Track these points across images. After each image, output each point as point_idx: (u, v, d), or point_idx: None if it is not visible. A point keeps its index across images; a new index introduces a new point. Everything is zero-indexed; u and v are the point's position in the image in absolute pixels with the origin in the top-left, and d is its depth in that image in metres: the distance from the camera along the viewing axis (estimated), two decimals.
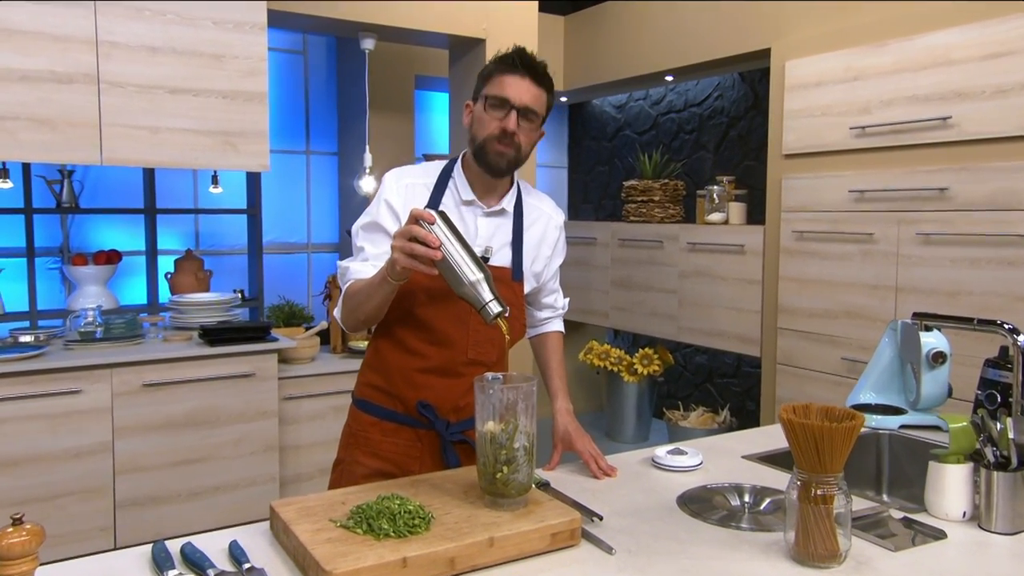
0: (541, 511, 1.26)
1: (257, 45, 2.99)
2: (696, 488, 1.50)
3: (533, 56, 1.56)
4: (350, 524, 1.18)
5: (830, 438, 1.14)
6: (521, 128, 1.54)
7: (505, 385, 1.25)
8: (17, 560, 0.89)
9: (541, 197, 1.76)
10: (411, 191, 1.61)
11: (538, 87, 1.54)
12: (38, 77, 2.64)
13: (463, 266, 1.31)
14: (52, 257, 3.75)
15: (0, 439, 2.59)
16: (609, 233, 4.59)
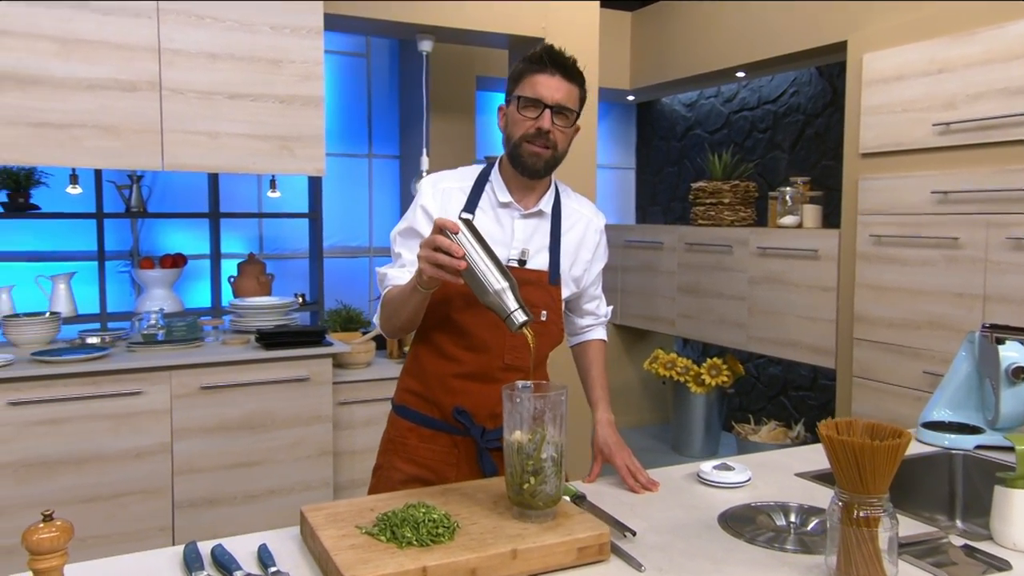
0: (570, 524, 1.27)
1: (313, 49, 3.08)
2: (740, 506, 1.48)
3: (562, 52, 1.58)
4: (375, 531, 1.21)
5: (872, 456, 1.11)
6: (556, 126, 1.56)
7: (533, 394, 1.26)
8: (46, 555, 0.96)
9: (581, 200, 1.77)
10: (447, 196, 1.64)
11: (570, 83, 1.56)
12: (103, 85, 2.80)
13: (488, 275, 1.32)
14: (123, 261, 3.94)
15: (66, 438, 2.75)
16: (676, 237, 4.54)
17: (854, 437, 1.14)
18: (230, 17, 2.95)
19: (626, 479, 1.61)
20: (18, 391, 2.69)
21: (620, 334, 5.23)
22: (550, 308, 1.65)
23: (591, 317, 1.85)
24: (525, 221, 1.65)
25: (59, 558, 0.97)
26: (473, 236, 1.35)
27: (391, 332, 1.63)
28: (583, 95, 1.62)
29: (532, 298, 1.62)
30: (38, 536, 0.95)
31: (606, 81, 4.91)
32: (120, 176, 3.68)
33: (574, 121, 1.60)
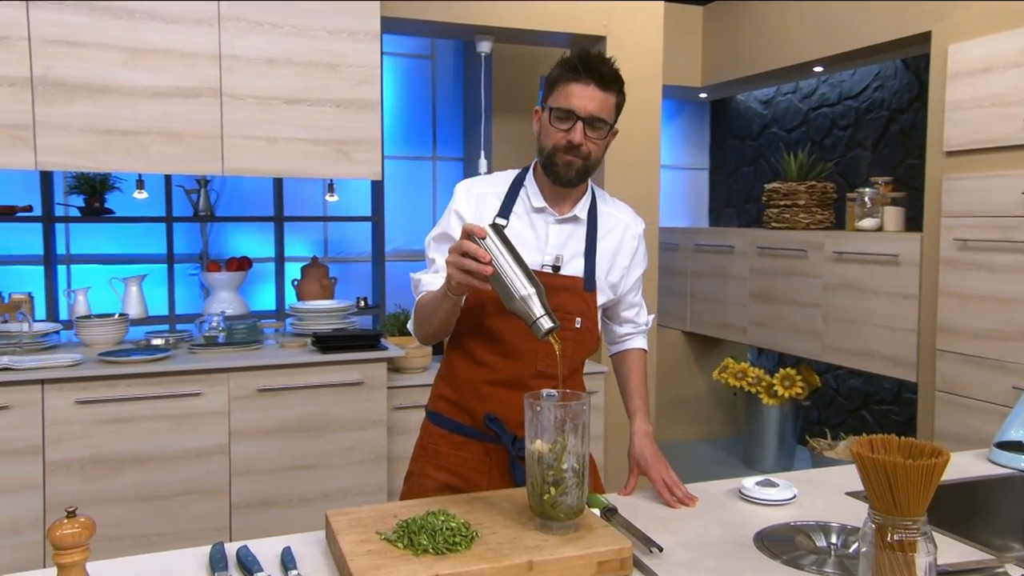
0: (592, 537, 1.27)
1: (370, 53, 3.16)
2: (779, 524, 1.45)
3: (599, 58, 1.56)
4: (393, 538, 1.24)
5: (905, 476, 1.08)
6: (589, 137, 1.56)
7: (554, 403, 1.27)
8: (69, 550, 1.02)
9: (619, 205, 1.77)
10: (481, 201, 1.66)
11: (605, 92, 1.55)
12: (167, 93, 2.94)
13: (514, 281, 1.34)
14: (193, 264, 4.12)
15: (129, 437, 2.89)
16: (747, 241, 4.45)
17: (887, 455, 1.10)
18: (288, 23, 3.06)
19: (662, 493, 1.60)
20: (85, 390, 2.85)
21: (690, 342, 5.16)
22: (585, 315, 1.66)
23: (630, 325, 1.84)
24: (560, 227, 1.66)
25: (81, 553, 1.03)
26: (501, 241, 1.36)
27: (424, 338, 1.66)
28: (621, 100, 1.61)
29: (567, 305, 1.63)
30: (61, 532, 1.01)
31: (675, 78, 4.86)
32: (188, 180, 3.85)
33: (609, 131, 1.59)
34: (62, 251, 3.87)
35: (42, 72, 2.80)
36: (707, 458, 4.85)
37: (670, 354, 5.12)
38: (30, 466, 2.80)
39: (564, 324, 1.63)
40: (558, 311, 1.61)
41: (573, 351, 1.67)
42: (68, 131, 2.84)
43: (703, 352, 5.19)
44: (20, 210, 3.52)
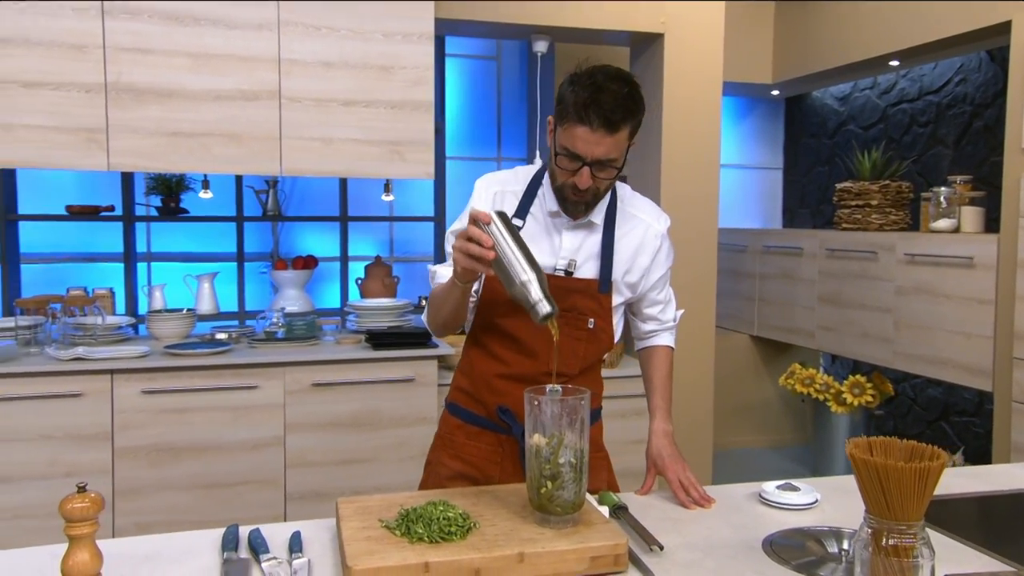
0: (588, 532, 1.28)
1: (424, 55, 3.23)
2: (792, 529, 1.43)
3: (610, 97, 1.47)
4: (392, 525, 1.28)
5: (898, 479, 1.05)
6: (596, 177, 1.54)
7: (550, 397, 1.29)
8: (78, 523, 1.10)
9: (641, 204, 1.76)
10: (499, 198, 1.69)
11: (614, 135, 1.49)
12: (228, 96, 3.08)
13: (515, 265, 1.36)
14: (265, 262, 4.29)
15: (191, 427, 3.04)
16: (816, 242, 4.33)
17: (879, 457, 1.08)
18: (345, 26, 3.16)
19: (677, 493, 1.59)
20: (151, 381, 3.01)
21: (757, 346, 5.05)
22: (599, 316, 1.67)
23: (654, 322, 1.84)
24: (574, 232, 1.67)
25: (90, 526, 1.11)
26: (505, 228, 1.39)
27: (436, 328, 1.69)
28: (635, 127, 1.55)
29: (580, 306, 1.64)
30: (71, 505, 1.09)
31: (744, 75, 4.78)
32: (258, 181, 4.01)
33: (620, 167, 1.57)
34: (142, 249, 4.09)
35: (115, 78, 2.98)
36: (773, 467, 4.74)
37: (735, 358, 5.03)
38: (100, 451, 2.98)
39: (577, 324, 1.65)
40: (571, 312, 1.64)
41: (585, 350, 1.68)
42: (138, 134, 3.01)
43: (772, 357, 5.08)
44: (103, 210, 3.75)
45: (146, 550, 1.32)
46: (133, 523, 3.03)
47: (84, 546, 1.11)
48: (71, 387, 2.94)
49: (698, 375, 3.73)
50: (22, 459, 2.90)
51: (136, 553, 1.31)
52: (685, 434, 3.71)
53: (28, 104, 2.92)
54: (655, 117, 3.67)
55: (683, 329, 3.66)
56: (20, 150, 2.93)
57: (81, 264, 3.99)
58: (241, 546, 1.34)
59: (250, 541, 1.34)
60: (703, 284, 3.71)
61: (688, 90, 3.62)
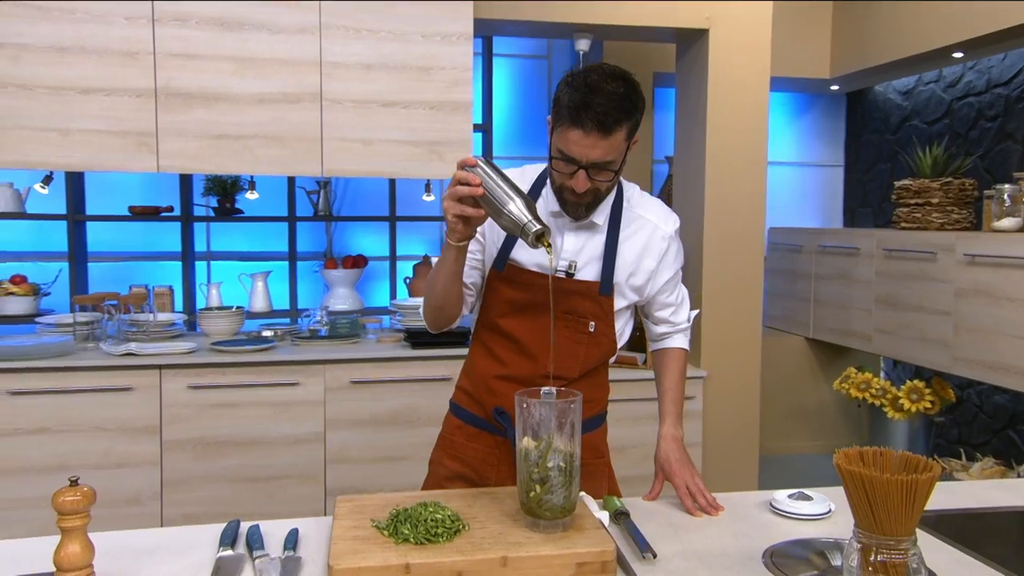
0: (577, 537, 1.26)
1: (463, 55, 3.24)
2: (796, 540, 1.38)
3: (603, 99, 1.43)
4: (382, 526, 1.29)
5: (884, 491, 1.00)
6: (594, 180, 1.51)
7: (541, 400, 1.27)
8: (69, 516, 1.13)
9: (648, 205, 1.72)
10: None
11: (609, 136, 1.46)
12: (272, 99, 3.15)
13: (501, 195, 1.36)
14: (318, 261, 4.38)
15: (234, 421, 3.12)
16: (873, 242, 4.18)
17: (865, 467, 1.03)
18: (385, 28, 3.19)
19: (684, 500, 1.55)
20: (197, 376, 3.10)
21: (813, 349, 4.91)
22: (599, 319, 1.64)
23: (666, 325, 1.80)
24: (576, 233, 1.64)
25: (81, 519, 1.14)
26: (491, 168, 1.40)
27: (430, 316, 1.65)
28: (634, 125, 1.51)
29: (580, 308, 1.62)
30: (63, 499, 1.13)
31: (801, 70, 4.65)
32: (309, 182, 4.09)
33: (619, 169, 1.54)
34: (202, 248, 4.22)
35: (164, 83, 3.07)
36: (829, 474, 4.59)
37: (790, 361, 4.89)
38: (149, 444, 3.09)
39: (577, 327, 1.63)
40: (571, 315, 1.62)
41: (586, 354, 1.66)
42: (185, 137, 3.10)
43: (829, 360, 4.92)
44: (163, 210, 3.88)
45: (146, 543, 1.36)
46: (180, 514, 3.12)
47: (75, 538, 1.14)
48: (122, 381, 3.05)
49: (743, 377, 3.64)
50: (79, 449, 3.03)
51: (136, 546, 1.35)
52: (729, 438, 3.63)
53: (83, 109, 3.04)
54: (700, 114, 3.60)
55: (728, 330, 3.62)
56: (76, 153, 3.05)
57: (146, 263, 4.14)
58: (241, 542, 1.37)
59: (248, 538, 1.37)
60: (749, 284, 3.62)
61: (734, 86, 3.53)
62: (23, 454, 2.99)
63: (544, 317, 1.61)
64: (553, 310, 1.55)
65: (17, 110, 3.00)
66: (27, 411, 2.99)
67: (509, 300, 1.63)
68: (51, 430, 3.02)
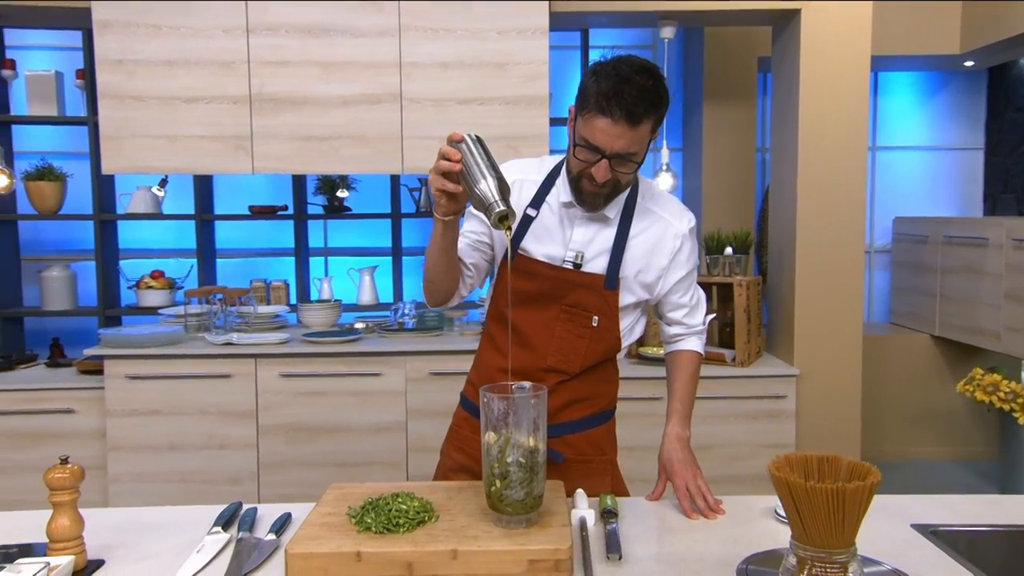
0: (535, 534, 1.24)
1: (539, 49, 3.23)
2: (780, 549, 1.29)
3: (635, 88, 1.42)
4: (352, 513, 1.32)
5: (810, 501, 0.93)
6: (616, 171, 1.49)
7: (498, 395, 1.26)
8: (58, 491, 1.23)
9: (663, 201, 1.67)
10: (518, 186, 1.65)
11: (636, 127, 1.44)
12: (355, 100, 3.26)
13: (475, 172, 1.35)
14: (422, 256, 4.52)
15: (323, 409, 3.27)
16: (1002, 232, 3.81)
17: (793, 475, 0.95)
18: (461, 27, 3.23)
19: (682, 501, 1.49)
20: (288, 365, 3.28)
21: (940, 347, 4.52)
22: (604, 313, 1.61)
23: (680, 327, 1.72)
24: (587, 224, 1.61)
25: (70, 495, 1.24)
26: (475, 144, 1.38)
27: (425, 288, 1.64)
28: (660, 118, 1.49)
29: (584, 302, 1.59)
30: (53, 475, 1.23)
31: (926, 47, 4.29)
32: (411, 180, 4.22)
33: (640, 161, 1.50)
34: (318, 244, 4.45)
35: (257, 90, 3.26)
36: (958, 482, 4.24)
37: (914, 361, 4.54)
38: (246, 427, 3.29)
39: (580, 321, 1.60)
40: (575, 308, 1.59)
41: (588, 349, 1.62)
42: (276, 139, 3.28)
43: (959, 360, 4.52)
44: (279, 209, 4.12)
45: (153, 520, 1.46)
46: (276, 494, 3.31)
47: (64, 512, 1.24)
48: (222, 369, 3.27)
49: (842, 377, 3.42)
50: (186, 430, 3.28)
51: (145, 521, 1.45)
52: (826, 441, 3.43)
53: (188, 117, 3.27)
54: (791, 98, 3.41)
55: (824, 327, 3.40)
56: (183, 157, 3.29)
57: (271, 258, 4.42)
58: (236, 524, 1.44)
59: (242, 519, 1.43)
60: (848, 279, 3.39)
61: (830, 68, 3.31)
62: (140, 432, 3.27)
63: (550, 310, 1.60)
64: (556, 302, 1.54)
65: (133, 120, 3.27)
66: (142, 394, 3.26)
67: (516, 290, 1.61)
68: (162, 412, 3.28)
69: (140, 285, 4.04)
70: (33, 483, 3.27)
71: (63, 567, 1.19)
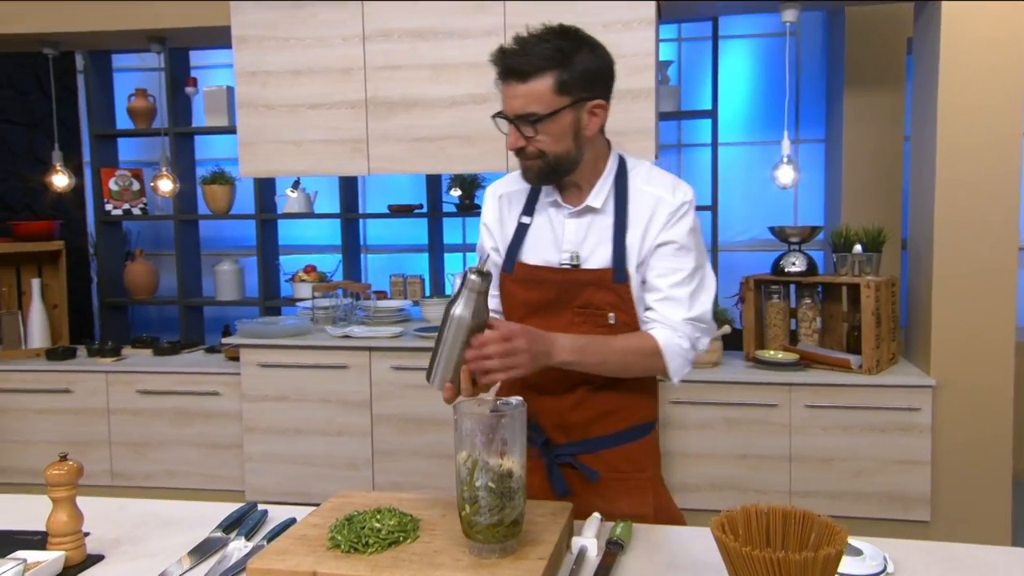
0: (504, 567, 1.09)
1: (645, 41, 2.99)
2: None
3: (518, 44, 1.37)
4: (332, 526, 1.21)
5: (748, 570, 0.71)
6: (530, 137, 1.36)
7: (466, 411, 1.11)
8: (56, 487, 1.22)
9: (656, 179, 1.47)
10: (506, 202, 1.56)
11: (527, 82, 1.34)
12: (462, 101, 3.18)
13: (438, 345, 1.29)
14: None
15: (430, 401, 3.22)
16: None
17: (734, 537, 0.73)
18: (566, 21, 3.04)
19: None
20: (399, 358, 3.27)
21: None
22: (620, 309, 1.43)
23: (652, 313, 1.44)
24: (576, 220, 1.46)
25: (67, 490, 1.23)
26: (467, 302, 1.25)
27: None
28: (567, 75, 1.35)
29: (596, 300, 1.43)
30: (51, 471, 1.22)
31: None
32: None
33: (554, 116, 1.34)
34: (455, 240, 4.46)
35: (372, 94, 3.26)
36: None
37: None
38: (361, 416, 3.32)
39: (596, 321, 1.43)
40: (587, 308, 1.43)
41: None
42: (389, 141, 3.26)
43: None
44: (415, 208, 4.16)
45: (167, 514, 1.43)
46: (388, 481, 3.32)
47: (63, 508, 1.23)
48: (340, 360, 3.31)
49: (990, 389, 2.93)
50: (308, 416, 3.35)
51: (154, 515, 1.43)
52: (969, 459, 2.96)
53: (312, 122, 3.33)
54: (931, 80, 2.95)
55: (967, 333, 2.92)
56: (307, 160, 3.36)
57: (413, 254, 4.49)
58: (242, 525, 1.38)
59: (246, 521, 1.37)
60: (997, 280, 2.89)
61: (977, 46, 2.83)
62: (270, 416, 3.38)
63: (563, 315, 1.44)
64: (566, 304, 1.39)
65: (264, 127, 3.38)
66: (272, 381, 3.37)
67: (524, 302, 1.48)
68: (289, 398, 3.37)
69: (295, 279, 4.22)
70: (186, 456, 3.50)
71: (50, 563, 1.18)
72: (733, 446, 3.08)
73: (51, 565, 1.17)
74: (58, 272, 3.91)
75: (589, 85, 1.39)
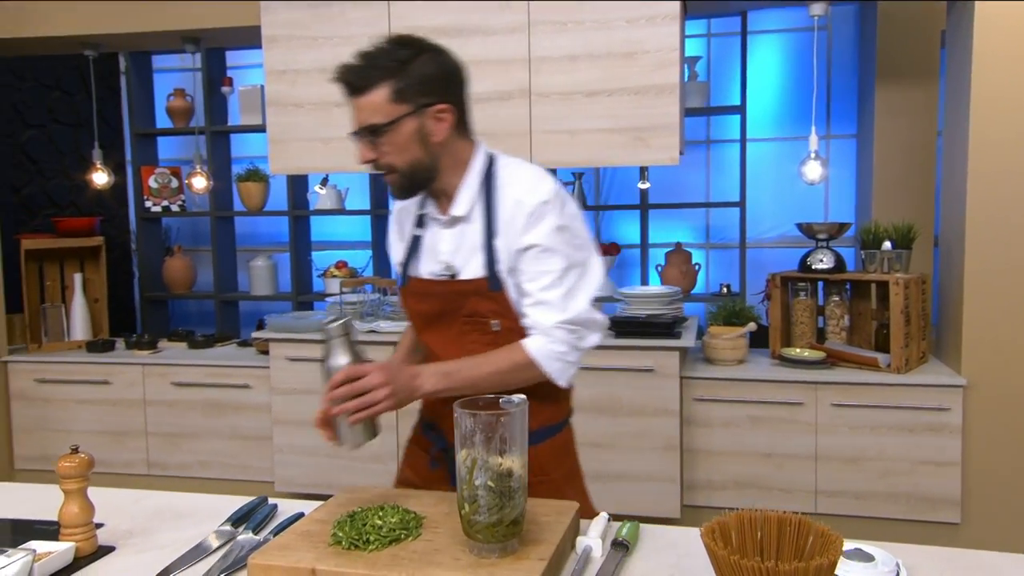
0: (504, 567, 1.06)
1: (669, 36, 2.93)
2: None
3: (358, 58, 1.36)
4: (335, 522, 1.20)
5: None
6: (378, 150, 1.35)
7: (467, 411, 1.08)
8: (67, 479, 1.22)
9: (516, 179, 1.42)
10: (404, 215, 1.56)
11: (363, 95, 1.35)
12: (486, 98, 3.15)
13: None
14: None
15: None
16: None
17: (723, 545, 0.70)
18: (590, 18, 3.01)
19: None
20: None
21: None
22: (501, 315, 1.40)
23: (532, 331, 1.40)
24: (449, 230, 1.44)
25: (78, 483, 1.23)
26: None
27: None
28: (403, 83, 1.33)
29: (481, 309, 1.41)
30: (62, 463, 1.23)
31: None
32: (564, 174, 4.06)
33: (394, 125, 1.33)
34: None
35: None
36: None
37: None
38: None
39: (481, 329, 1.42)
40: (471, 317, 1.42)
41: None
42: None
43: None
44: None
45: (183, 506, 1.43)
46: None
47: (74, 499, 1.23)
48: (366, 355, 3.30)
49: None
50: None
51: (170, 507, 1.43)
52: (1002, 462, 2.85)
53: (338, 120, 3.31)
54: (964, 73, 2.85)
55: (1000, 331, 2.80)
56: (334, 158, 3.36)
57: None
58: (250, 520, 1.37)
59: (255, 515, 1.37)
60: None
61: (1010, 44, 2.72)
62: (298, 409, 3.39)
63: (453, 325, 1.43)
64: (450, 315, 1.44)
65: (294, 125, 3.39)
66: (300, 374, 3.38)
67: (418, 313, 1.50)
68: (316, 392, 3.34)
69: (326, 274, 4.25)
70: (219, 448, 3.54)
71: (60, 554, 1.18)
72: (758, 444, 3.02)
73: (61, 556, 1.18)
74: (99, 267, 3.98)
75: (428, 91, 1.36)
